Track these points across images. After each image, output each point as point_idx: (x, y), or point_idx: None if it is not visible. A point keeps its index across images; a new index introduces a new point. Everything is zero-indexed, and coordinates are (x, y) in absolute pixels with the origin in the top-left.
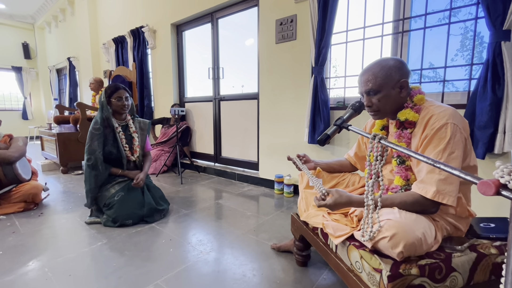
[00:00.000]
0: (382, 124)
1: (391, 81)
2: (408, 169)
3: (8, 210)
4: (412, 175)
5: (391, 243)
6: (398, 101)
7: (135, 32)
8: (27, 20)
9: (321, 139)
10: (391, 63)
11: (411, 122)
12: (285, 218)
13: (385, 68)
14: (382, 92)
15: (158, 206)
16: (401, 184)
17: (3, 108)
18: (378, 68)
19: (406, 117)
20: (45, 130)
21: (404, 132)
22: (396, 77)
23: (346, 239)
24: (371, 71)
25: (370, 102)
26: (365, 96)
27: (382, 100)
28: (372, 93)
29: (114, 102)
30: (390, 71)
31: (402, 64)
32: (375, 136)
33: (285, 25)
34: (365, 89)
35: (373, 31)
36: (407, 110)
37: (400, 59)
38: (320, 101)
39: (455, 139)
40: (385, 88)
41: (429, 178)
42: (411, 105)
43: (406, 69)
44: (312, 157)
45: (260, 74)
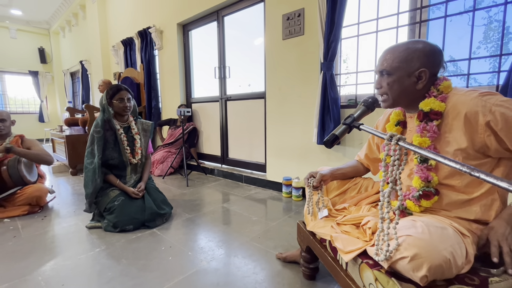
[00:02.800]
0: (397, 119)
1: (409, 67)
2: (430, 169)
3: (12, 213)
4: (435, 176)
5: (412, 265)
6: (411, 91)
7: (142, 33)
8: (43, 25)
9: (328, 140)
10: (419, 46)
11: (437, 112)
12: (293, 224)
13: (408, 51)
14: (394, 75)
15: (160, 210)
16: (418, 186)
17: (21, 111)
18: (402, 48)
19: (431, 107)
20: (56, 132)
21: (429, 124)
22: (416, 64)
23: (358, 256)
24: (393, 49)
25: (380, 84)
26: (378, 76)
27: (392, 85)
28: (385, 73)
29: (116, 104)
30: (412, 56)
31: (433, 52)
32: (392, 136)
33: (292, 19)
34: (379, 67)
35: (387, 22)
36: (430, 99)
37: (435, 46)
38: (329, 99)
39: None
40: (399, 72)
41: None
42: (435, 94)
43: (435, 59)
44: (323, 159)
45: (267, 72)
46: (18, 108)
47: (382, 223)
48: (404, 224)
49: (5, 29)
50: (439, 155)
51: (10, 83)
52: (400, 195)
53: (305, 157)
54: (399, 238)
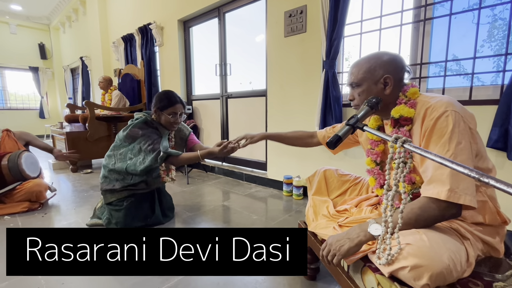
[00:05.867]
0: (377, 125)
1: (373, 76)
2: (411, 171)
3: (12, 210)
4: (417, 177)
5: (413, 275)
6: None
7: (143, 29)
8: (43, 21)
9: (331, 141)
10: (379, 56)
11: (406, 118)
12: (293, 223)
13: (370, 62)
14: (362, 86)
15: (164, 220)
16: (407, 189)
17: (22, 107)
18: (364, 60)
19: (401, 114)
20: (56, 128)
21: (401, 130)
22: (380, 72)
23: (361, 259)
24: (357, 63)
25: (352, 95)
26: (350, 89)
27: (362, 95)
28: (354, 85)
29: (165, 117)
30: (375, 65)
31: (394, 59)
32: (397, 139)
33: (294, 17)
34: (349, 81)
35: (391, 20)
36: (400, 106)
37: (394, 54)
38: (331, 97)
39: (460, 128)
40: (366, 82)
41: (439, 175)
42: (404, 101)
43: (397, 64)
44: (324, 158)
45: (268, 70)
46: (18, 104)
47: (384, 226)
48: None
49: (5, 24)
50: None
51: (10, 79)
52: (404, 198)
53: (306, 155)
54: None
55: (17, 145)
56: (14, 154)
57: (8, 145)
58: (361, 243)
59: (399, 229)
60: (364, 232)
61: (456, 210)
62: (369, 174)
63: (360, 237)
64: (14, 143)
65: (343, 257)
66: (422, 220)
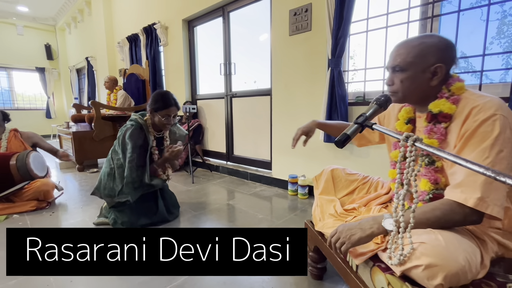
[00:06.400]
0: (408, 117)
1: (424, 63)
2: (438, 170)
3: (21, 208)
4: (443, 178)
5: (427, 274)
6: (425, 88)
7: (147, 29)
8: (49, 22)
9: (339, 140)
10: (434, 40)
11: (446, 115)
12: (299, 222)
13: (423, 45)
14: (408, 72)
15: (169, 216)
16: (428, 188)
17: (29, 107)
18: (416, 42)
19: (441, 109)
20: (62, 128)
21: (437, 126)
22: (431, 60)
23: (370, 258)
24: (407, 44)
25: (392, 80)
26: (389, 72)
27: (405, 82)
28: (397, 69)
29: (158, 119)
30: (428, 50)
31: (448, 47)
32: (408, 137)
33: (299, 15)
34: (392, 63)
35: (397, 17)
36: (441, 100)
37: (450, 41)
38: (337, 96)
39: (505, 135)
40: (413, 68)
41: (471, 181)
42: (446, 95)
43: (450, 54)
44: (330, 158)
45: (273, 69)
46: (25, 104)
47: (396, 226)
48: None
49: (12, 25)
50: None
51: (17, 80)
52: (416, 197)
53: (312, 155)
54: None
55: (23, 146)
56: (22, 154)
57: (14, 145)
58: (372, 235)
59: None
60: (377, 225)
61: (478, 217)
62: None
63: (373, 229)
64: (20, 143)
65: (352, 246)
66: (441, 222)
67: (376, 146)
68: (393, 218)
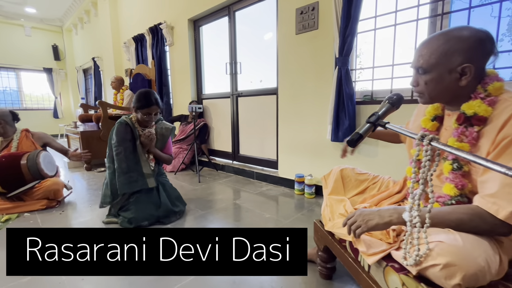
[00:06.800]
0: (434, 114)
1: (449, 63)
2: (465, 175)
3: (32, 207)
4: (469, 184)
5: (445, 273)
6: (453, 89)
7: (153, 29)
8: (56, 23)
9: (352, 139)
10: (463, 36)
11: (481, 118)
12: (306, 221)
13: (449, 43)
14: (432, 73)
15: (174, 208)
16: (453, 194)
17: (37, 107)
18: (441, 41)
19: (475, 111)
20: (70, 128)
21: (469, 130)
22: (458, 59)
23: (383, 258)
24: (431, 42)
25: (416, 81)
26: (414, 73)
27: (430, 84)
28: (421, 71)
29: (141, 116)
30: (454, 49)
31: (481, 41)
32: (424, 137)
33: (306, 13)
34: (415, 64)
35: (406, 15)
36: (476, 101)
37: (483, 33)
38: (344, 95)
39: None
40: (437, 70)
41: (505, 193)
42: (482, 95)
43: (483, 49)
44: (337, 157)
45: (279, 68)
46: (33, 104)
47: (410, 226)
48: (435, 229)
49: (20, 27)
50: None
51: (26, 80)
52: (432, 197)
53: (318, 154)
54: (430, 243)
55: (34, 146)
56: (33, 154)
57: (26, 145)
58: (390, 224)
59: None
60: (397, 215)
61: (508, 230)
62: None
63: (392, 217)
64: (31, 143)
65: (367, 230)
66: (464, 227)
67: (385, 146)
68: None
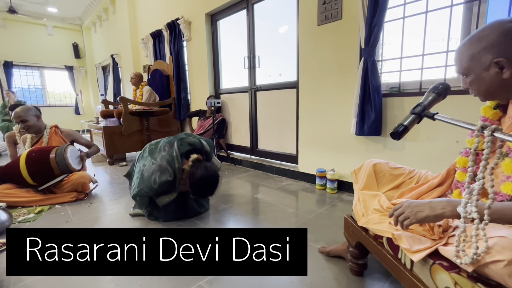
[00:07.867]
0: (496, 103)
1: (480, 63)
2: None
3: (62, 199)
4: None
5: (510, 270)
6: (500, 83)
7: (171, 25)
8: (76, 21)
9: (396, 131)
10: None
11: None
12: (330, 217)
13: (472, 47)
14: (471, 75)
15: (201, 209)
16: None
17: (59, 104)
18: (465, 46)
19: None
20: (93, 124)
21: None
22: (488, 57)
23: (428, 256)
24: (459, 49)
25: (465, 84)
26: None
27: (474, 85)
28: (462, 75)
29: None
30: (479, 50)
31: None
32: (484, 127)
33: (329, 3)
34: (456, 70)
35: (439, 1)
36: None
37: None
38: (370, 87)
39: None
40: (473, 71)
41: None
42: None
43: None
44: (361, 151)
45: (300, 61)
46: (56, 101)
47: (465, 222)
48: (492, 224)
49: (43, 26)
50: None
51: (49, 78)
52: (491, 193)
53: (341, 148)
54: (489, 240)
55: (64, 142)
56: (60, 148)
57: (55, 141)
58: (442, 217)
59: (485, 224)
60: (451, 208)
61: None
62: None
63: (445, 210)
64: (60, 139)
65: (417, 222)
66: None
67: (412, 140)
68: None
